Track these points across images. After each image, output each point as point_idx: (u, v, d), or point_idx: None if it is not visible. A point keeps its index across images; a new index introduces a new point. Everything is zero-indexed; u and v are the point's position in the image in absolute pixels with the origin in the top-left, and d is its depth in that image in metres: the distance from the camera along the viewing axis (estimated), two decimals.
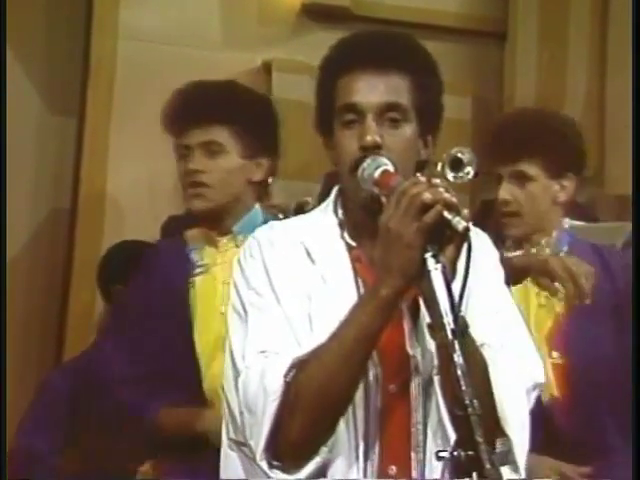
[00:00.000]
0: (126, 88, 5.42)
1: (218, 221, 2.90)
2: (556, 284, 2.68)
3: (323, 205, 2.06)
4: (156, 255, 3.08)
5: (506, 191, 2.85)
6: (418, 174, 1.87)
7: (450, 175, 3.89)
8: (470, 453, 1.61)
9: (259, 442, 1.76)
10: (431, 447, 1.86)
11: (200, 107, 2.85)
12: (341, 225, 1.98)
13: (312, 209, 2.15)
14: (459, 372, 1.63)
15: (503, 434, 1.81)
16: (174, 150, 2.94)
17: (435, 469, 1.84)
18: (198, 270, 2.90)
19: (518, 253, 2.91)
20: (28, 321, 5.22)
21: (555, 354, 2.79)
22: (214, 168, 2.85)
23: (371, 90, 1.90)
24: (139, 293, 2.99)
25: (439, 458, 1.68)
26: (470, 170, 3.99)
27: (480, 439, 1.60)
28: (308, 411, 1.76)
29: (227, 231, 2.88)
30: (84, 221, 5.36)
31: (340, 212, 2.00)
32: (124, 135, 5.40)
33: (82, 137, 5.38)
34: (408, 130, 1.92)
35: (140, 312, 2.94)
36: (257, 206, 2.94)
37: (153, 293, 2.93)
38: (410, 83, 1.92)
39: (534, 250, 2.87)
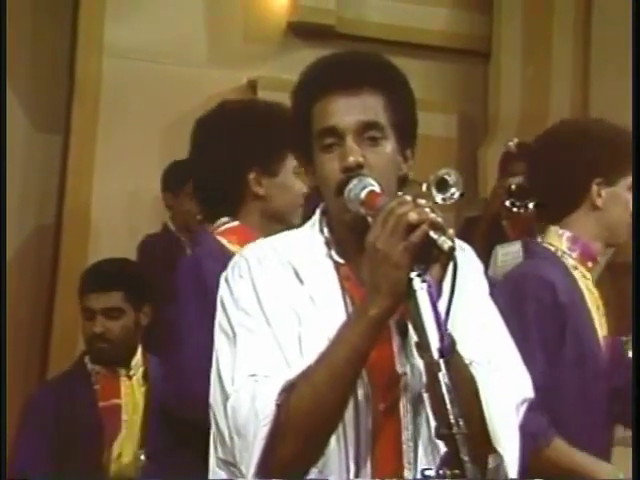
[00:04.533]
0: (111, 105, 5.42)
1: None
2: None
3: (309, 223, 2.04)
4: None
5: None
6: (400, 193, 1.87)
7: (438, 197, 3.91)
8: (456, 472, 1.61)
9: (250, 467, 1.75)
10: (422, 464, 1.84)
11: None
12: (328, 243, 1.96)
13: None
14: (444, 391, 1.64)
15: (494, 450, 1.82)
16: None
17: None
18: None
19: None
20: (13, 335, 5.20)
21: None
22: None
23: (348, 111, 1.89)
24: None
25: (425, 477, 1.68)
26: (456, 191, 4.01)
27: (465, 457, 1.61)
28: (299, 433, 1.76)
29: None
30: (69, 237, 5.36)
31: (326, 230, 1.99)
32: (109, 152, 5.40)
33: (67, 154, 5.38)
34: (388, 147, 1.92)
35: None
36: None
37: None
38: (385, 100, 1.92)
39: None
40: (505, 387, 1.87)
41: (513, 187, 4.24)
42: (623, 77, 5.05)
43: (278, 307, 1.86)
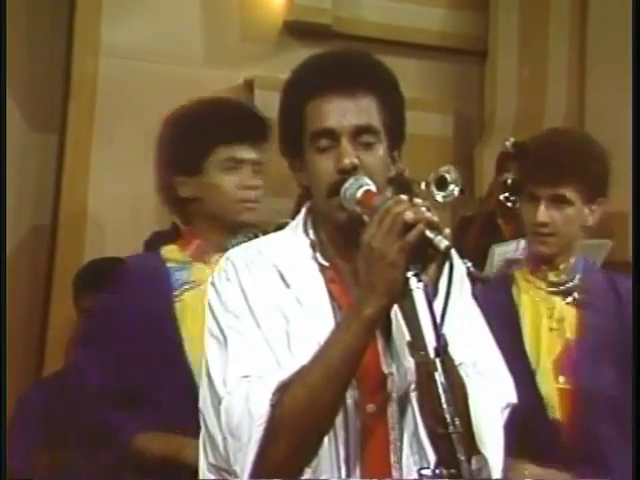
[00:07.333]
0: (107, 105, 5.42)
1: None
2: None
3: (293, 224, 2.04)
4: (128, 271, 3.00)
5: (545, 214, 2.87)
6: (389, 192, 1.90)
7: (438, 195, 3.92)
8: (452, 471, 1.62)
9: (245, 468, 1.76)
10: (408, 462, 1.86)
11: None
12: (312, 246, 1.97)
13: None
14: (441, 390, 1.64)
15: (477, 451, 1.82)
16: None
17: None
18: (186, 287, 2.86)
19: None
20: (9, 336, 5.20)
21: (562, 379, 2.81)
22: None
23: (343, 113, 1.89)
24: (112, 309, 2.92)
25: (421, 476, 1.69)
26: (455, 188, 4.02)
27: (462, 457, 1.62)
28: (293, 433, 1.76)
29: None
30: (65, 237, 5.35)
31: (311, 232, 1.99)
32: (105, 151, 5.40)
33: (63, 154, 5.37)
34: (380, 149, 1.93)
35: (114, 328, 2.86)
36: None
37: (128, 309, 2.86)
38: (378, 103, 1.93)
39: (552, 276, 2.91)
40: (491, 390, 1.88)
41: (509, 181, 4.26)
42: (619, 77, 5.08)
43: (266, 309, 1.88)
